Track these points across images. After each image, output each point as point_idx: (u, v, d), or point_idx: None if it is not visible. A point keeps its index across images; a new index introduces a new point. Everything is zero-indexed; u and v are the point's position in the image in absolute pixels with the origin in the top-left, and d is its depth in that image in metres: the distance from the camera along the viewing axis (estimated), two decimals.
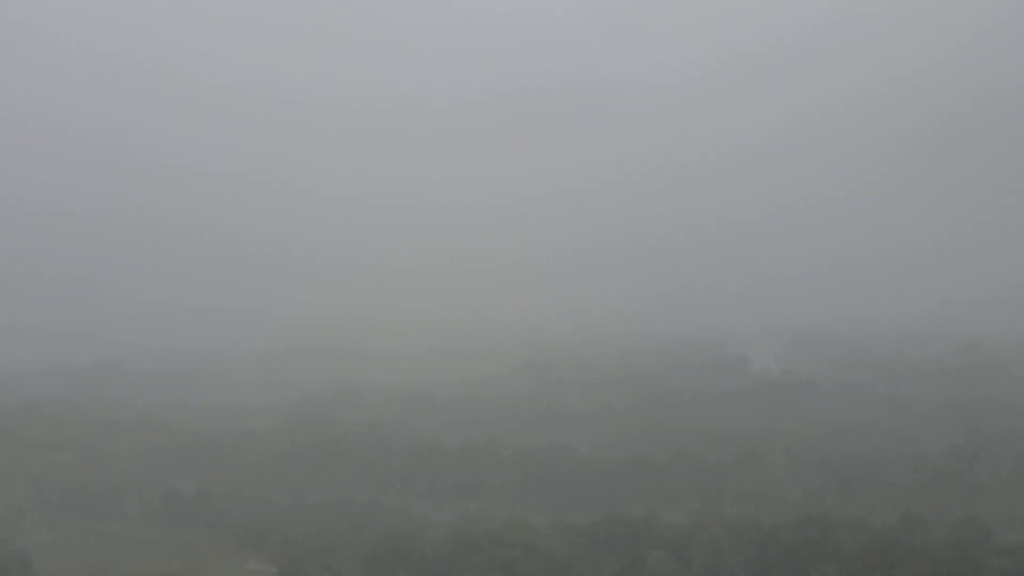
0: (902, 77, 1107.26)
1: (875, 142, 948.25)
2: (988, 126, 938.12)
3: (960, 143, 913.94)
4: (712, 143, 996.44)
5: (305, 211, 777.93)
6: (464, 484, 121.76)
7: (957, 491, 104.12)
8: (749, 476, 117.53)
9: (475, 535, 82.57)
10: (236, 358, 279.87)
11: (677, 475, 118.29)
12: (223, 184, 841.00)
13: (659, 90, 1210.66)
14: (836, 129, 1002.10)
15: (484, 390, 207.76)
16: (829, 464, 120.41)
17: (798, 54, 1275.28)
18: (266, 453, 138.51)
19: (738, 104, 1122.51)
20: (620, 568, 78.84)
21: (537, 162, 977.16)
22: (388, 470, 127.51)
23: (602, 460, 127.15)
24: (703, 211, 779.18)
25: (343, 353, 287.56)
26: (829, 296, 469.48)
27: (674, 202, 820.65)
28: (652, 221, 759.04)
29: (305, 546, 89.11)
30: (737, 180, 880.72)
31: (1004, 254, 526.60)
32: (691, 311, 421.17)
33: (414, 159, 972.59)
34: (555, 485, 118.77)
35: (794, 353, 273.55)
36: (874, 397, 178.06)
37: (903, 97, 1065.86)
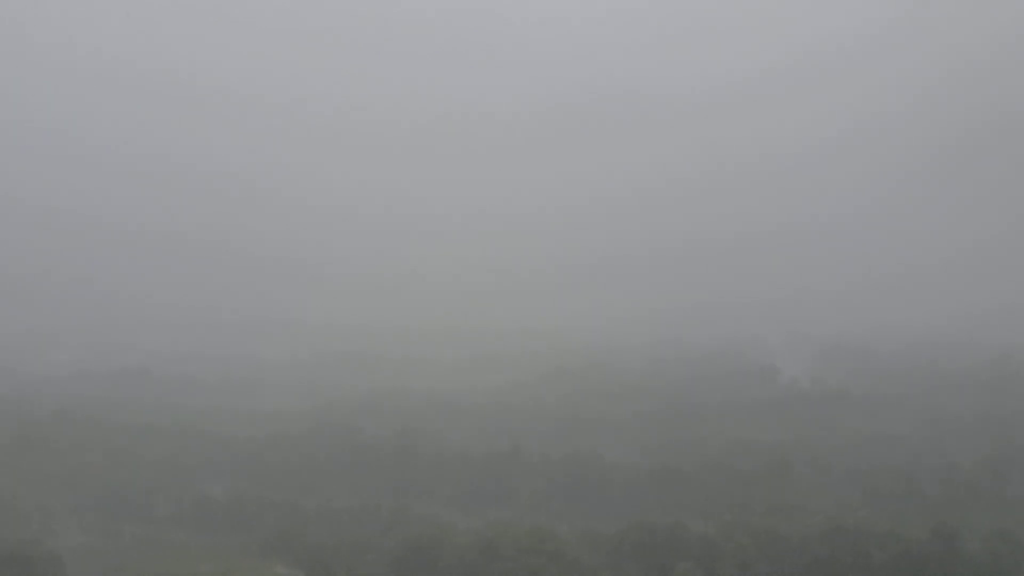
0: (930, 87, 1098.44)
1: (907, 150, 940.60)
2: (1020, 133, 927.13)
3: (992, 151, 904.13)
4: (743, 152, 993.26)
5: (333, 220, 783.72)
6: (490, 491, 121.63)
7: (989, 503, 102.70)
8: (778, 487, 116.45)
9: (501, 542, 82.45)
10: (265, 364, 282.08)
11: (705, 485, 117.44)
12: (252, 193, 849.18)
13: (687, 99, 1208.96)
14: (866, 137, 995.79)
15: (511, 396, 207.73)
16: (859, 475, 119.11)
17: (829, 65, 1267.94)
18: (294, 458, 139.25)
19: (770, 113, 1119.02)
20: None
21: (566, 170, 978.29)
22: (415, 476, 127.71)
23: (629, 468, 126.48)
24: (733, 219, 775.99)
25: (371, 359, 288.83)
26: (860, 305, 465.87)
27: (704, 210, 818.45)
28: (682, 228, 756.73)
29: (332, 551, 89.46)
30: (768, 188, 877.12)
31: None
32: (719, 319, 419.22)
33: (442, 167, 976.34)
34: (582, 493, 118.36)
35: (824, 362, 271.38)
36: (905, 408, 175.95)
37: (934, 106, 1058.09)
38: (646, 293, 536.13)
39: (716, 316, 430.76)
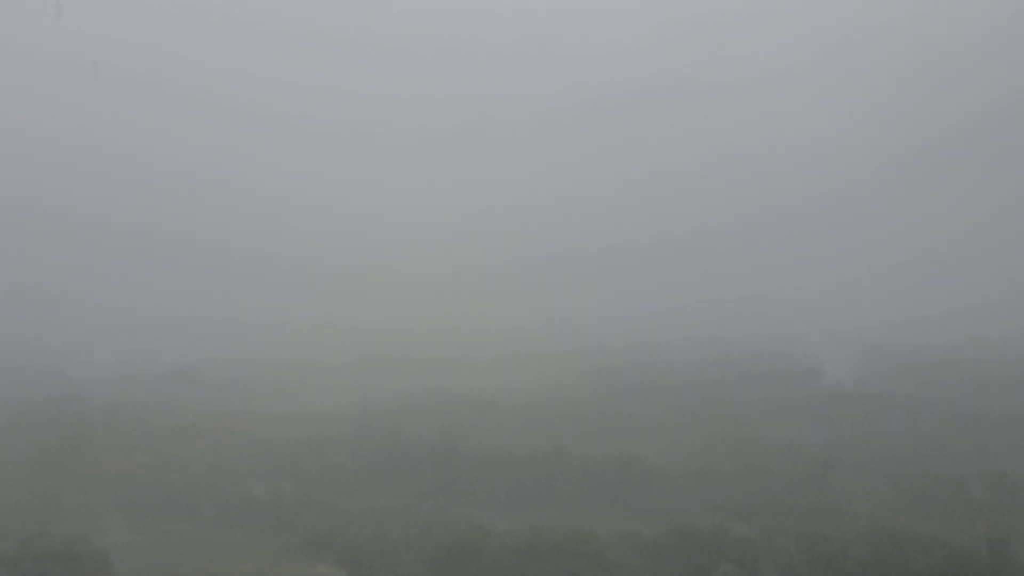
0: (955, 63, 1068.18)
1: (960, 140, 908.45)
2: None
3: None
4: (782, 140, 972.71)
5: (366, 227, 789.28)
6: (530, 492, 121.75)
7: None
8: (820, 489, 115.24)
9: (541, 544, 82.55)
10: (308, 367, 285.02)
11: (746, 486, 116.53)
12: (286, 205, 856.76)
13: (721, 89, 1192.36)
14: (919, 128, 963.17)
15: (550, 396, 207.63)
16: (903, 478, 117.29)
17: (855, 48, 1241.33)
18: (335, 459, 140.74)
19: (807, 99, 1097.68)
20: None
21: (601, 163, 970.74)
22: (454, 477, 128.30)
23: (670, 470, 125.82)
24: (774, 211, 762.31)
25: (411, 361, 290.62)
26: (907, 302, 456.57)
27: (746, 202, 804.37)
28: (722, 222, 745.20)
29: (372, 551, 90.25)
30: (810, 179, 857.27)
31: None
32: (761, 317, 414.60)
33: (465, 168, 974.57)
34: (622, 494, 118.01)
35: (867, 363, 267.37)
36: (951, 410, 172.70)
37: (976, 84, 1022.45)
38: (687, 290, 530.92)
39: (758, 314, 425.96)
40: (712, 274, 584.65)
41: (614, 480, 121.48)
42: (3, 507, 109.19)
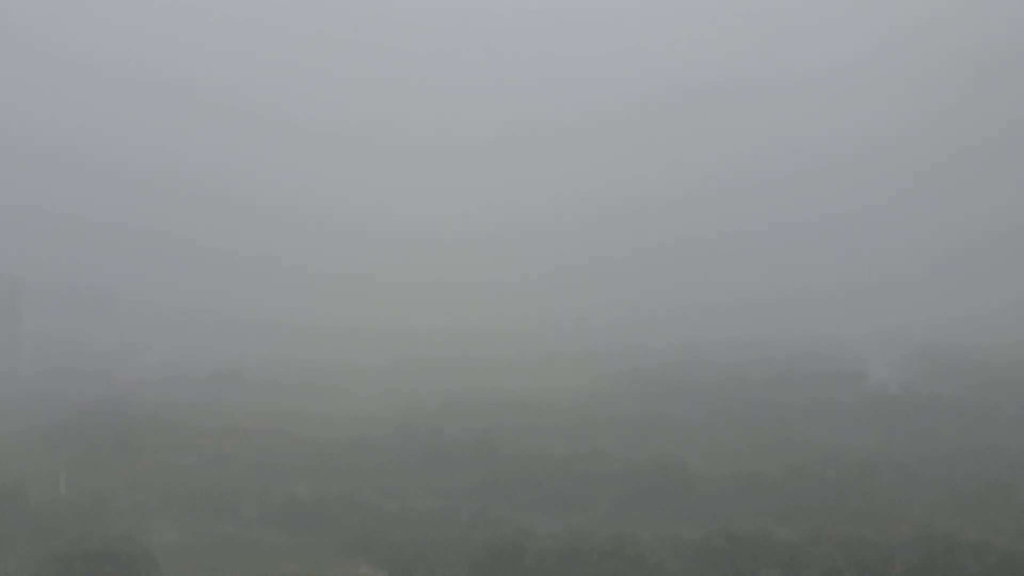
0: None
1: (1013, 137, 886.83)
2: None
3: None
4: (831, 136, 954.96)
5: (405, 231, 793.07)
6: (570, 494, 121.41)
7: None
8: (865, 493, 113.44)
9: (582, 547, 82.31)
10: (349, 369, 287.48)
11: (790, 490, 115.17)
12: (327, 212, 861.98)
13: (759, 88, 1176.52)
14: (964, 125, 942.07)
15: (589, 398, 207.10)
16: (950, 483, 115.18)
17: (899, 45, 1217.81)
18: (376, 460, 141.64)
19: (850, 97, 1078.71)
20: None
21: (640, 161, 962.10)
22: (494, 479, 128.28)
23: (712, 473, 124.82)
24: (818, 208, 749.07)
25: (451, 363, 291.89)
26: (952, 305, 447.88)
27: (787, 201, 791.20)
28: (762, 220, 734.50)
29: (413, 552, 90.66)
30: (852, 177, 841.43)
31: None
32: (805, 318, 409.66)
33: (516, 167, 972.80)
34: (664, 497, 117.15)
35: (913, 366, 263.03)
36: (999, 414, 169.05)
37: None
38: (727, 290, 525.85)
39: (801, 315, 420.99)
40: (753, 274, 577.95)
41: (654, 483, 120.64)
42: (54, 506, 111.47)
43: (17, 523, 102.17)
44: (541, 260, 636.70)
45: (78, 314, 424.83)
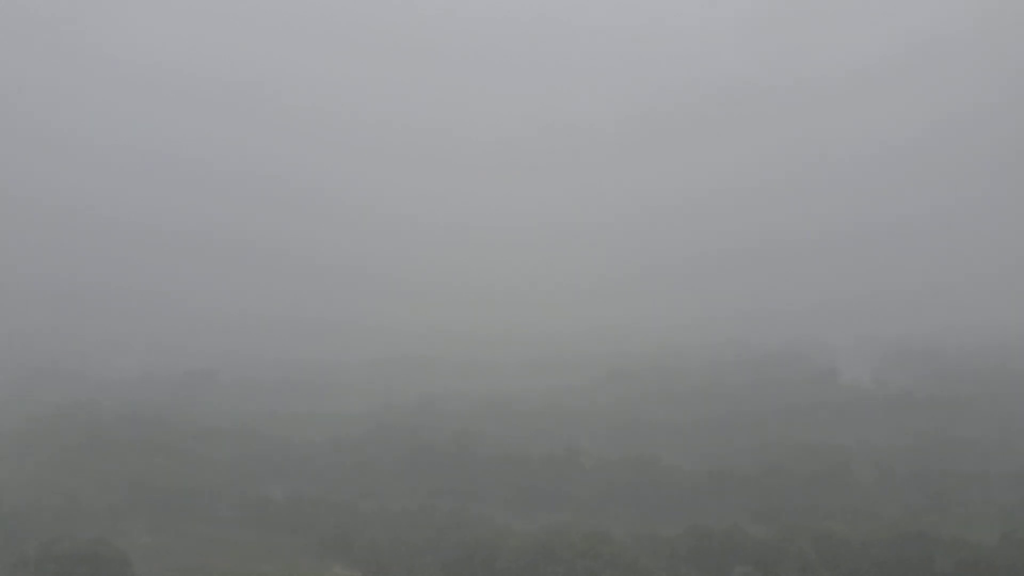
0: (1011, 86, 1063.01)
1: (982, 151, 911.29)
2: None
3: None
4: (809, 154, 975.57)
5: (391, 226, 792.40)
6: (546, 494, 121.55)
7: None
8: (839, 490, 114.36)
9: (557, 545, 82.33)
10: (324, 368, 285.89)
11: (764, 488, 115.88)
12: (311, 201, 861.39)
13: (765, 97, 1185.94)
14: (940, 139, 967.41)
15: (567, 399, 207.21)
16: (925, 479, 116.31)
17: (908, 64, 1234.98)
18: (352, 460, 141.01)
19: (840, 115, 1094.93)
20: None
21: (630, 176, 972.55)
22: (470, 479, 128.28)
23: (688, 472, 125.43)
24: (794, 220, 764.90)
25: (428, 363, 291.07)
26: (925, 306, 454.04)
27: (765, 211, 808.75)
28: (740, 230, 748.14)
29: (389, 552, 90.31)
30: (831, 190, 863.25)
31: None
32: (780, 321, 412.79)
33: (495, 175, 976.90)
34: (639, 496, 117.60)
35: (887, 364, 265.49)
36: (972, 410, 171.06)
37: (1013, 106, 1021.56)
38: (705, 295, 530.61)
39: (776, 318, 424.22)
40: (731, 279, 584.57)
41: (631, 481, 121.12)
42: (26, 509, 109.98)
43: None
44: (527, 266, 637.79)
45: (49, 313, 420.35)
